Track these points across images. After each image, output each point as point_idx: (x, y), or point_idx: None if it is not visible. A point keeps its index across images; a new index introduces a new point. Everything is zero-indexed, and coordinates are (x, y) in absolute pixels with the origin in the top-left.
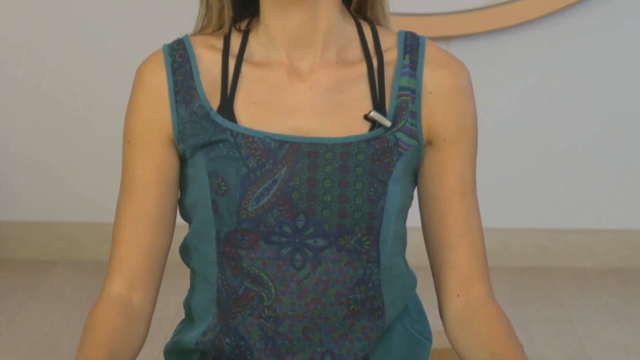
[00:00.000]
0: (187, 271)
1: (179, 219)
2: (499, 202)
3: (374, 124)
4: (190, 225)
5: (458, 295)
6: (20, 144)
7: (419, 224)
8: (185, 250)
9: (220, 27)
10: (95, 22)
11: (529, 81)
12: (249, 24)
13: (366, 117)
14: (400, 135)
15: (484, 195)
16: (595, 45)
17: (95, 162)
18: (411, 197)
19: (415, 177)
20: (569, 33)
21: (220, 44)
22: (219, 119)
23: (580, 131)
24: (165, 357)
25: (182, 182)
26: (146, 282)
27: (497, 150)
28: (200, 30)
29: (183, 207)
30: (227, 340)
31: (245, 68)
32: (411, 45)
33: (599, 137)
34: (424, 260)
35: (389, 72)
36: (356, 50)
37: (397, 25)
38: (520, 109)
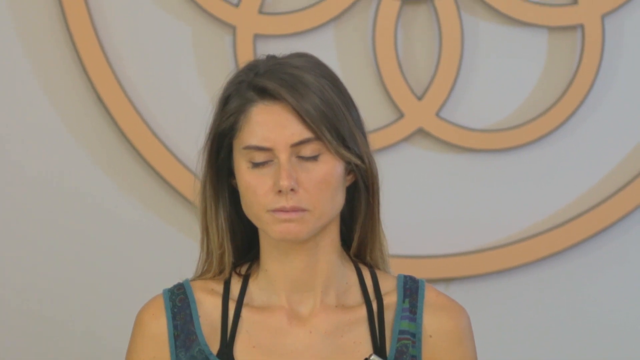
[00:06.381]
0: None
1: None
2: None
3: None
4: None
5: None
6: None
7: None
8: None
9: (220, 272)
10: (93, 264)
11: (530, 322)
12: (249, 268)
13: None
14: None
15: None
16: (600, 286)
17: None
18: None
19: None
20: (570, 275)
21: (220, 288)
22: None
23: None
24: None
25: None
26: None
27: None
28: (201, 275)
29: None
30: None
31: (245, 312)
32: (411, 289)
33: None
34: None
35: (389, 316)
36: (356, 295)
37: (396, 267)
38: (522, 350)
